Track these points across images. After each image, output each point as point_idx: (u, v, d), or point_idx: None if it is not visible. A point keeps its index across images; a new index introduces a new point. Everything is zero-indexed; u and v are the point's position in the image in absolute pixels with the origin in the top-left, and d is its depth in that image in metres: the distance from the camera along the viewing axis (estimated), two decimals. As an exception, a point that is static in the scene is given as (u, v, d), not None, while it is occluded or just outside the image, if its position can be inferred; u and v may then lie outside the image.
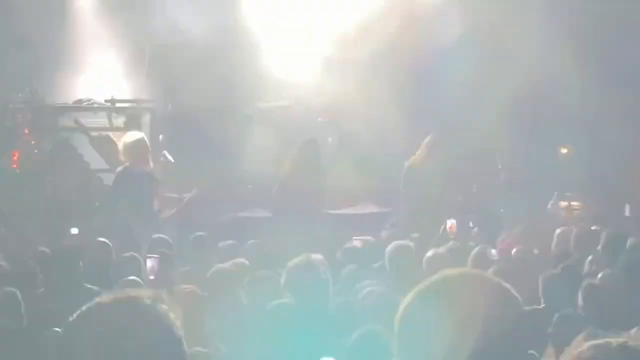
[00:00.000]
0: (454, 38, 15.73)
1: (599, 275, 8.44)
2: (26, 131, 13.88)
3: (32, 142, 14.00)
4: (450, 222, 11.97)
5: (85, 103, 15.33)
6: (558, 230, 11.46)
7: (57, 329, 6.61)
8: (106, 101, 15.44)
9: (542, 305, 8.00)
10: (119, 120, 15.31)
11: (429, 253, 9.55)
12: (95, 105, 15.34)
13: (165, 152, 13.04)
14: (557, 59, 15.28)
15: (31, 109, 14.07)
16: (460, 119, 15.56)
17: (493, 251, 9.72)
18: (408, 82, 15.78)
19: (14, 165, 13.92)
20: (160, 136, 15.66)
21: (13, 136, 14.04)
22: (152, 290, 6.97)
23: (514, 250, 10.26)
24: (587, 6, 15.54)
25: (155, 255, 8.73)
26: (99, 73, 15.74)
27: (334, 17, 16.26)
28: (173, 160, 12.99)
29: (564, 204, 15.58)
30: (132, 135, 12.69)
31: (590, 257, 9.78)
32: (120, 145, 12.57)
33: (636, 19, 15.49)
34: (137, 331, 2.44)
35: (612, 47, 15.93)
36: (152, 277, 8.36)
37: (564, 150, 17.33)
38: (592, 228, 11.43)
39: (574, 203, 15.56)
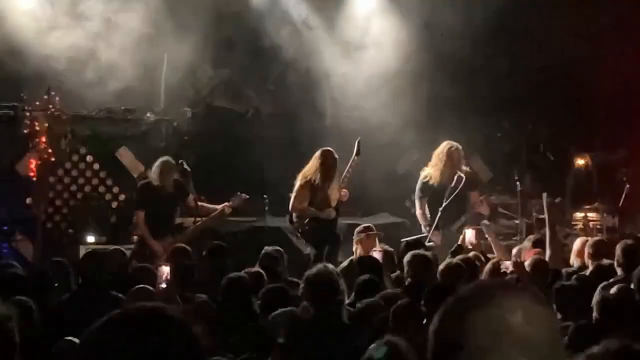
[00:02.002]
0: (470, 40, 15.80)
1: (614, 289, 8.40)
2: (43, 139, 13.91)
3: (49, 151, 14.02)
4: (470, 232, 11.92)
5: (103, 112, 15.37)
6: (577, 242, 11.45)
7: (70, 338, 6.62)
8: (124, 110, 15.48)
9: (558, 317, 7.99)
10: (136, 130, 15.36)
11: (443, 264, 9.54)
12: (113, 114, 15.38)
13: (183, 162, 13.04)
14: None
15: (48, 117, 14.10)
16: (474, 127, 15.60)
17: (507, 263, 9.68)
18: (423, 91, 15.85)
19: (31, 173, 13.95)
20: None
21: (30, 144, 14.07)
22: (165, 299, 6.97)
23: (527, 261, 10.23)
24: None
25: (167, 264, 8.72)
26: (117, 80, 15.78)
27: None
28: (190, 169, 12.98)
29: (580, 215, 15.56)
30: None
31: (592, 267, 9.74)
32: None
33: None
34: (160, 342, 2.43)
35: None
36: (163, 286, 8.34)
37: (581, 161, 17.30)
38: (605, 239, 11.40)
39: (590, 215, 15.54)
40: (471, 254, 10.47)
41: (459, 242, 11.73)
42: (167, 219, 12.66)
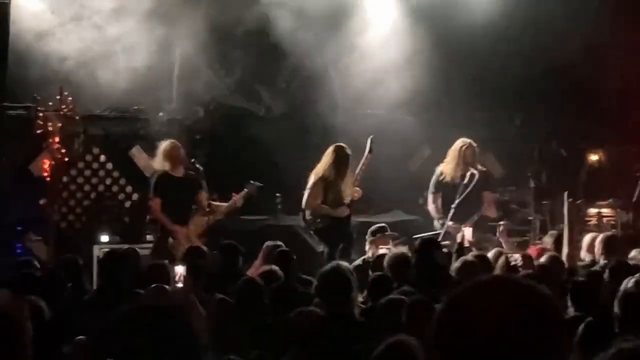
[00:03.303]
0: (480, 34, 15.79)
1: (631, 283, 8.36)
2: (56, 139, 13.94)
3: (62, 151, 14.05)
4: (468, 230, 11.95)
5: (115, 112, 15.40)
6: (587, 237, 11.43)
7: (80, 337, 6.64)
8: (136, 110, 15.50)
9: (573, 314, 7.96)
10: (149, 129, 15.38)
11: (459, 262, 9.54)
12: (125, 114, 15.41)
13: (195, 160, 13.06)
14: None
15: (61, 117, 14.13)
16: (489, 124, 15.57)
17: (516, 255, 9.71)
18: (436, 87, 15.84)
19: (44, 173, 13.98)
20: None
21: (43, 144, 14.10)
22: (178, 298, 7.00)
23: (543, 258, 10.23)
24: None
25: (182, 263, 8.76)
26: (129, 80, 15.79)
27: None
28: (202, 168, 12.99)
29: (594, 210, 15.51)
30: (166, 143, 12.90)
31: (606, 263, 9.71)
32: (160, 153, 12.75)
33: None
34: (159, 339, 2.45)
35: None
36: (179, 285, 8.37)
37: (594, 157, 17.26)
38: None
39: (604, 210, 15.49)
40: (495, 250, 10.52)
41: (459, 241, 11.74)
42: (184, 207, 12.67)
